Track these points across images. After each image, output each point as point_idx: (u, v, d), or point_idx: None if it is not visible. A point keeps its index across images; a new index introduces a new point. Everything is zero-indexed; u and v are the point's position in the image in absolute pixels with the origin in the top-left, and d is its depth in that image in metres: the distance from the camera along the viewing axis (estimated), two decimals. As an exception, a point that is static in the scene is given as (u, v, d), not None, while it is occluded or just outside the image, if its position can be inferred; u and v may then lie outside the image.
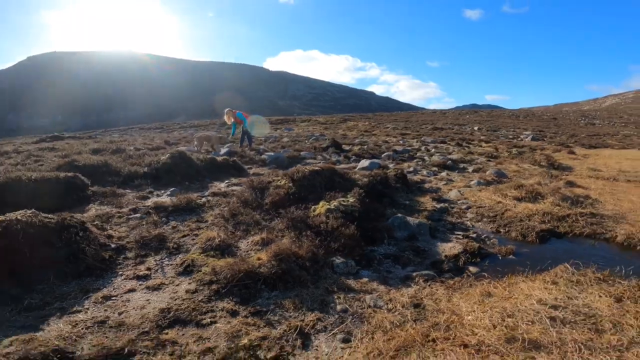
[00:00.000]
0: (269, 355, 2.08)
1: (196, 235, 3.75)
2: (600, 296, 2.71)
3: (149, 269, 3.15)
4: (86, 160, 6.89)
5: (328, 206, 3.91)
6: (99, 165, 6.75)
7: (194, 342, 2.20)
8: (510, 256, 3.91)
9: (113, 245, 3.53)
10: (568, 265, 3.23)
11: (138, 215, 4.37)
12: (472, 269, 3.54)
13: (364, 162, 7.72)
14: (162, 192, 5.52)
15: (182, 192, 5.35)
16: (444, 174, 7.98)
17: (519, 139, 19.88)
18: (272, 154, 9.03)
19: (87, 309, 2.58)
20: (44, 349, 2.01)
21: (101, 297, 2.72)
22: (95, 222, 3.95)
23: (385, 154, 9.82)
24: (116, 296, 2.76)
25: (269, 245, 3.21)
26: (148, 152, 8.96)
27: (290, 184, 4.61)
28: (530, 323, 2.34)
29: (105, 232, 3.78)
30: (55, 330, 2.30)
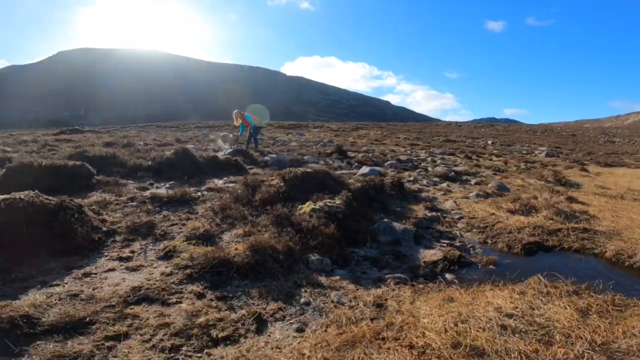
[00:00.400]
0: (221, 335, 2.20)
1: (184, 225, 3.92)
2: (565, 308, 2.68)
3: (132, 252, 3.33)
4: (96, 152, 7.24)
5: (313, 206, 4.01)
6: (107, 157, 7.08)
7: (155, 317, 2.34)
8: (491, 266, 3.90)
9: (104, 229, 3.73)
10: (541, 277, 3.21)
11: (134, 203, 4.59)
12: (448, 276, 3.57)
13: (364, 169, 7.80)
14: (162, 184, 5.76)
15: (180, 185, 5.57)
16: (444, 184, 7.95)
17: (533, 154, 19.47)
18: (275, 156, 9.22)
19: (66, 283, 2.76)
20: (14, 313, 2.19)
21: (81, 274, 2.90)
22: (92, 207, 4.18)
23: (388, 162, 9.86)
24: (96, 274, 2.94)
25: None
26: (155, 148, 9.31)
27: (282, 184, 4.74)
28: (480, 330, 2.35)
29: (100, 217, 4.01)
30: (30, 299, 2.48)
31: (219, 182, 6.09)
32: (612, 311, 2.73)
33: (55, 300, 2.49)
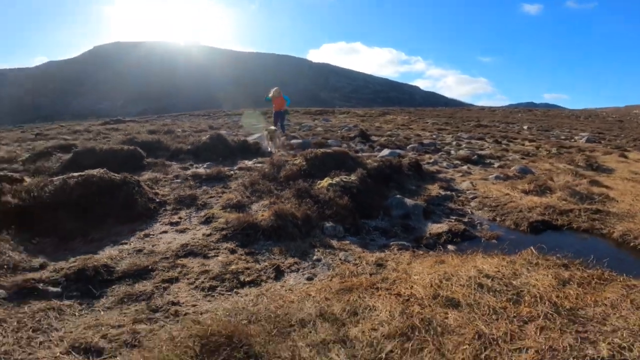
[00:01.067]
0: (247, 279, 2.83)
1: (220, 197, 4.61)
2: (546, 276, 2.90)
3: (180, 218, 4.05)
4: (143, 138, 8.21)
5: (330, 181, 4.52)
6: (153, 142, 8.01)
7: (198, 266, 3.01)
8: (493, 240, 4.21)
9: (157, 200, 4.49)
10: (533, 249, 3.46)
11: (179, 180, 5.36)
12: (450, 247, 3.94)
13: (385, 152, 8.13)
14: (200, 165, 6.53)
15: (216, 165, 6.29)
16: (464, 167, 8.11)
17: (572, 140, 18.47)
18: (300, 140, 9.76)
19: (132, 242, 3.50)
20: (96, 263, 2.92)
21: (143, 235, 3.64)
22: (147, 183, 4.97)
23: (410, 146, 10.07)
24: (153, 235, 3.67)
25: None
26: (192, 134, 10.22)
27: (304, 163, 5.28)
28: (459, 286, 2.74)
29: (153, 190, 4.78)
30: (106, 254, 3.22)
31: (248, 163, 6.76)
32: (594, 284, 2.87)
33: (125, 254, 3.22)
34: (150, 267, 2.98)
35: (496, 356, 2.02)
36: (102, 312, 2.40)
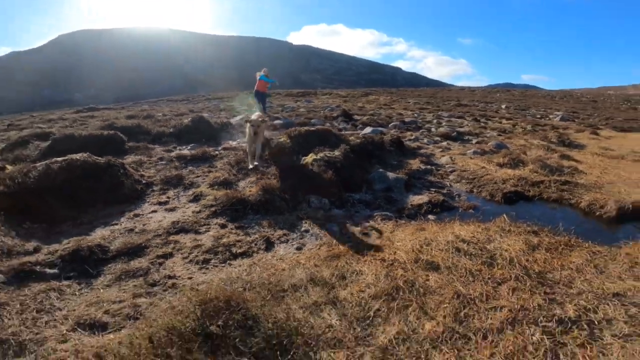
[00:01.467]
0: (239, 251, 2.97)
1: (207, 176, 4.66)
2: (517, 242, 3.14)
3: (168, 197, 4.09)
4: (123, 123, 8.01)
5: (315, 157, 4.63)
6: (133, 127, 7.82)
7: (190, 241, 3.12)
8: (470, 210, 4.48)
9: (144, 181, 4.49)
10: (506, 217, 3.73)
11: (164, 162, 5.34)
12: (430, 216, 4.17)
13: (368, 129, 8.27)
14: (184, 147, 6.48)
15: (200, 147, 6.26)
16: (444, 143, 8.38)
17: (547, 118, 19.16)
18: (283, 121, 9.75)
19: (122, 222, 3.54)
20: (90, 244, 2.97)
21: (132, 215, 3.68)
22: (131, 165, 4.94)
23: (392, 124, 10.25)
24: (143, 215, 3.71)
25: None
26: (173, 117, 10.00)
27: (288, 140, 5.35)
28: (439, 251, 2.97)
29: (139, 172, 4.76)
30: (99, 234, 3.26)
31: (233, 143, 6.76)
32: (561, 249, 3.15)
33: (117, 234, 3.27)
34: (143, 244, 3.05)
35: (474, 314, 2.24)
36: (101, 290, 2.48)
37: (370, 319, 2.17)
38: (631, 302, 2.35)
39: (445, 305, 2.31)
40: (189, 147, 6.33)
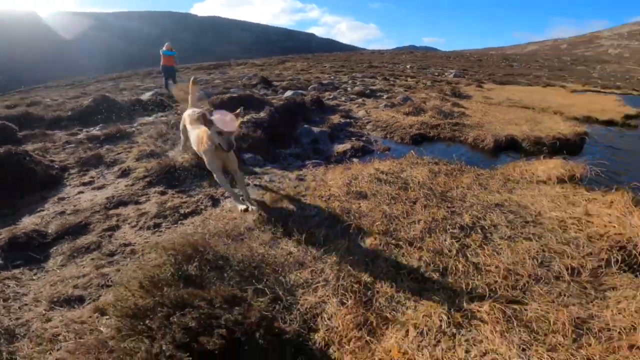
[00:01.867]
0: (187, 211, 3.09)
1: (129, 152, 4.43)
2: (423, 171, 3.95)
3: (92, 177, 3.85)
4: (6, 113, 6.76)
5: (242, 119, 4.76)
6: (20, 115, 6.67)
7: (134, 212, 3.10)
8: (386, 152, 5.23)
9: (57, 166, 4.09)
10: (414, 152, 4.55)
11: (72, 145, 4.85)
12: (354, 159, 4.77)
13: (289, 93, 8.50)
14: (91, 128, 5.88)
15: (113, 126, 5.77)
16: (360, 100, 9.12)
17: (443, 75, 21.72)
18: (198, 93, 9.33)
19: (49, 208, 3.28)
20: (25, 230, 2.75)
21: (57, 199, 3.42)
22: (36, 152, 4.39)
23: (311, 86, 10.62)
24: (69, 197, 3.48)
25: (192, 151, 4.04)
26: (68, 101, 8.74)
27: (212, 109, 5.32)
28: (364, 182, 3.56)
29: (47, 158, 4.29)
30: (29, 221, 3.00)
31: (149, 119, 6.37)
32: (456, 173, 4.03)
33: (49, 218, 3.04)
34: (84, 222, 2.94)
35: (400, 228, 2.81)
36: (58, 270, 2.40)
37: (322, 242, 2.58)
38: (509, 210, 3.18)
39: (377, 224, 2.83)
40: (97, 128, 5.78)
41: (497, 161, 5.01)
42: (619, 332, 1.87)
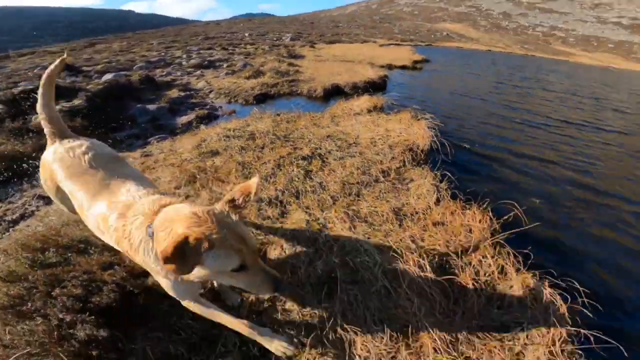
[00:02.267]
0: (15, 217, 2.64)
1: None
2: (267, 122, 4.37)
3: None
4: None
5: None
6: None
7: None
8: (232, 114, 5.37)
9: None
10: (257, 109, 4.90)
11: None
12: (202, 127, 4.74)
13: (108, 76, 7.31)
14: None
15: None
16: (198, 72, 8.72)
17: (281, 40, 22.49)
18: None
19: None
20: None
21: None
22: None
23: (137, 65, 9.39)
24: None
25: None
26: None
27: (5, 107, 4.20)
28: (214, 141, 3.72)
29: None
30: None
31: None
32: (295, 119, 4.60)
33: None
34: None
35: (254, 171, 3.13)
36: None
37: (187, 197, 2.69)
38: (337, 138, 3.93)
39: (233, 172, 3.08)
40: None
41: (327, 105, 5.94)
42: (423, 213, 2.62)
